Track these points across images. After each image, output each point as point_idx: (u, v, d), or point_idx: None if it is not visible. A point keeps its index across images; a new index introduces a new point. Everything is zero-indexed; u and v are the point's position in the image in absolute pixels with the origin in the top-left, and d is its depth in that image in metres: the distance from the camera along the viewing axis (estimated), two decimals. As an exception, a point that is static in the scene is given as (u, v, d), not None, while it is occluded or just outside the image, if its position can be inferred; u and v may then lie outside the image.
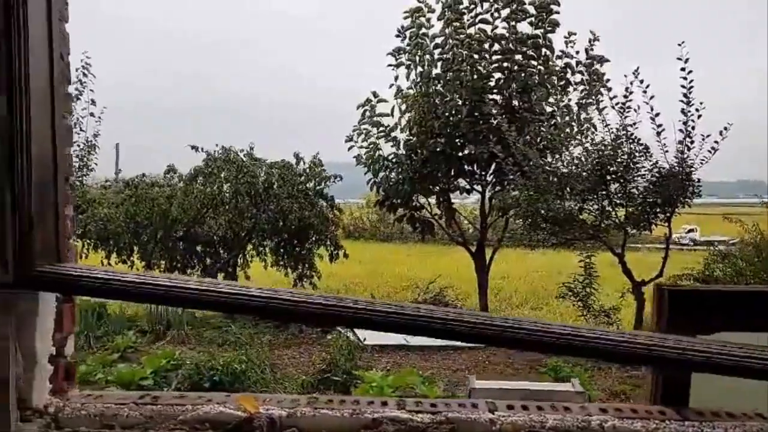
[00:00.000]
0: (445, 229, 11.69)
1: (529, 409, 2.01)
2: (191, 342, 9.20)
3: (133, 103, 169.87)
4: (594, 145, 8.61)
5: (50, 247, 1.88)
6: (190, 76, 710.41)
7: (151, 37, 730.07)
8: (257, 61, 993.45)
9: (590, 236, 8.65)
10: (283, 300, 1.58)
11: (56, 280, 1.81)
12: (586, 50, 10.09)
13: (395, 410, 1.95)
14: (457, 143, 10.33)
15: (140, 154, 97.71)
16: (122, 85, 35.39)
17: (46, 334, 1.96)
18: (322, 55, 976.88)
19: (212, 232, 11.09)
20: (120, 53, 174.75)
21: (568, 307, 11.35)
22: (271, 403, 1.96)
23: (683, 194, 7.97)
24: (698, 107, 7.92)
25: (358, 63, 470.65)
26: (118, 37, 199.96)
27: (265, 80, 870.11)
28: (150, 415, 1.89)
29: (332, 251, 11.29)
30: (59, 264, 1.89)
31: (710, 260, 9.23)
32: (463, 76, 10.07)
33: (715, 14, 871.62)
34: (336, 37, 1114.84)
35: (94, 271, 1.89)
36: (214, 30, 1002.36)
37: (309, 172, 11.12)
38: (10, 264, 1.74)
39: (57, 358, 2.03)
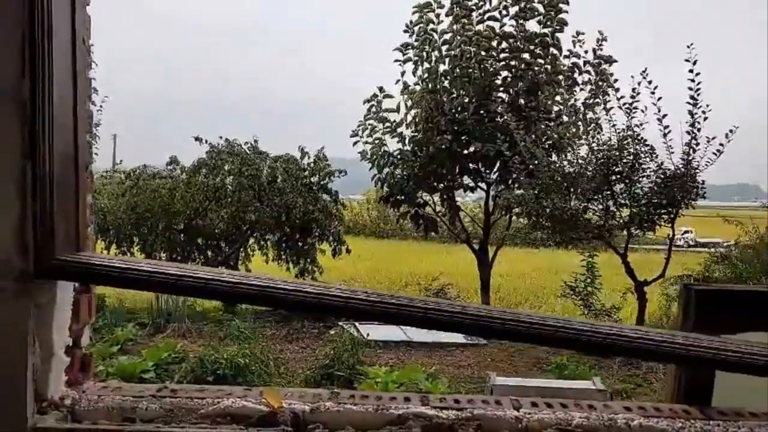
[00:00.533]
0: (448, 226, 11.65)
1: (553, 407, 1.98)
2: (192, 335, 9.16)
3: (131, 93, 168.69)
4: (600, 145, 8.58)
5: (70, 235, 1.84)
6: (193, 67, 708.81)
7: (151, 25, 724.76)
8: (264, 53, 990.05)
9: (595, 236, 8.62)
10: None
11: (77, 270, 1.77)
12: (593, 50, 10.04)
13: (420, 406, 1.91)
14: (463, 140, 10.28)
15: (138, 144, 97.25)
16: (120, 72, 34.31)
17: (63, 325, 1.91)
18: (329, 48, 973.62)
19: (214, 225, 11.04)
20: (117, 37, 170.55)
21: (567, 306, 11.36)
22: (292, 398, 1.92)
23: (688, 196, 7.94)
24: (705, 109, 7.89)
25: (365, 58, 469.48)
26: (117, 21, 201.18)
27: (273, 73, 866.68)
28: (170, 408, 1.85)
29: (335, 246, 11.25)
30: (79, 253, 1.85)
31: (710, 261, 9.22)
32: (470, 73, 10.02)
33: (724, 16, 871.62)
34: (344, 31, 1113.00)
35: (113, 260, 1.86)
36: (220, 20, 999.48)
37: (313, 166, 11.07)
38: (31, 252, 1.70)
39: (73, 349, 1.99)
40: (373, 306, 1.65)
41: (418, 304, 1.68)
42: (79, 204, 1.87)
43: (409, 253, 21.36)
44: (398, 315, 1.64)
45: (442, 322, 1.67)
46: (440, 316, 1.58)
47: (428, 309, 1.60)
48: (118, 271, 1.73)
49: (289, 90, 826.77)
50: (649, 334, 1.55)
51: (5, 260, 1.65)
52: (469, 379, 7.29)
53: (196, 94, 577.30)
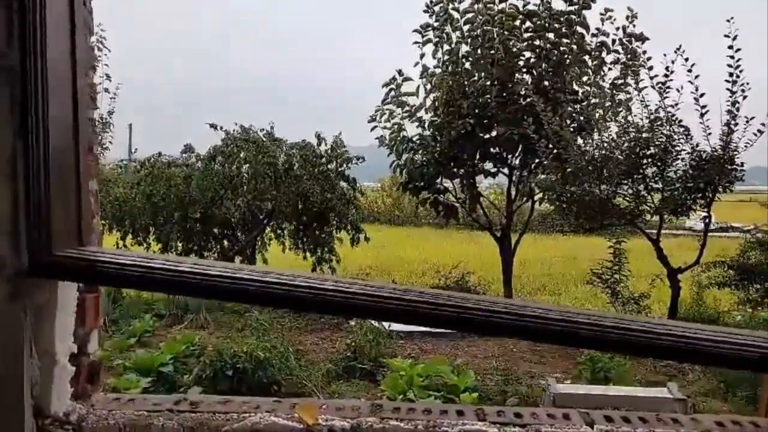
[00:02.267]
0: (469, 213, 11.33)
1: (631, 422, 1.71)
2: (210, 327, 9.02)
3: (146, 80, 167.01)
4: (630, 126, 8.20)
5: (70, 227, 1.59)
6: (207, 55, 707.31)
7: (169, 10, 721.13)
8: (279, 40, 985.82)
9: (627, 221, 8.26)
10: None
11: (78, 267, 1.52)
12: (623, 27, 9.59)
13: (476, 422, 1.65)
14: (485, 124, 9.92)
15: (155, 133, 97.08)
16: (135, 61, 33.94)
17: (66, 330, 1.67)
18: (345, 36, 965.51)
19: (230, 213, 10.83)
20: (135, 27, 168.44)
21: (591, 293, 11.05)
22: (328, 411, 1.67)
23: (726, 179, 7.55)
24: (744, 87, 7.47)
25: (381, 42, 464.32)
26: (135, 10, 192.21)
27: (287, 60, 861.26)
28: (191, 426, 1.61)
29: (354, 235, 11.00)
30: (81, 248, 1.59)
31: (746, 247, 8.83)
32: (493, 54, 9.64)
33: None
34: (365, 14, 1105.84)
35: (122, 256, 1.59)
36: (236, 8, 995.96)
37: (330, 153, 10.80)
38: (24, 247, 1.46)
39: (79, 357, 1.75)
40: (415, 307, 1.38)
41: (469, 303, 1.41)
42: (81, 190, 1.62)
43: (425, 240, 21.09)
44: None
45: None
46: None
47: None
48: (130, 269, 1.48)
49: (301, 76, 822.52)
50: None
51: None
52: (495, 370, 7.03)
53: (212, 83, 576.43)
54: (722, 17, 7.50)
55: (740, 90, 7.38)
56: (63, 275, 1.52)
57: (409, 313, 1.34)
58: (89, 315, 1.80)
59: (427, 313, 1.33)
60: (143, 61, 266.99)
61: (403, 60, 16.85)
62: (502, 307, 1.30)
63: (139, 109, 36.50)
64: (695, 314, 8.65)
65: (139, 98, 44.78)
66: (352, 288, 1.38)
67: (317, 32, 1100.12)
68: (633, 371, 7.16)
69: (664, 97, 7.85)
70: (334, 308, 1.44)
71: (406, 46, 10.54)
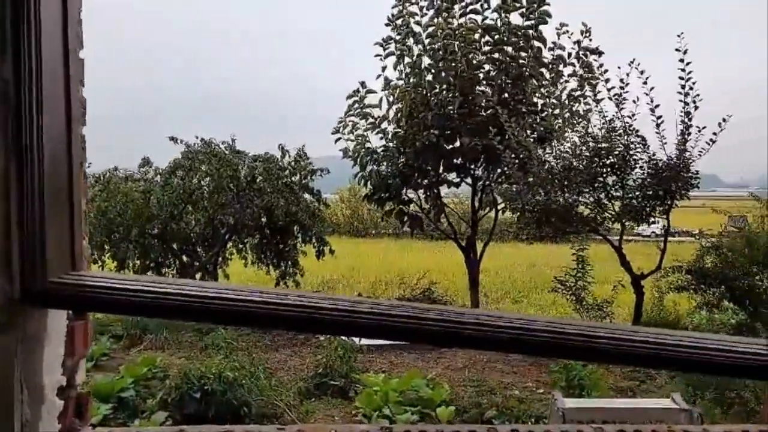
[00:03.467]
0: (434, 223, 11.39)
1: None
2: (170, 347, 8.69)
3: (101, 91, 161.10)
4: (588, 136, 8.43)
5: (64, 251, 1.47)
6: (165, 65, 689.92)
7: (121, 18, 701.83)
8: (238, 52, 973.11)
9: (590, 229, 8.46)
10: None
11: (74, 294, 1.41)
12: (578, 42, 9.90)
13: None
14: (449, 135, 10.02)
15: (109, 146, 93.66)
16: (92, 70, 32.91)
17: (55, 362, 1.55)
18: (307, 47, 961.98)
19: (189, 228, 10.53)
20: (92, 36, 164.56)
21: (557, 300, 11.26)
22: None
23: (683, 186, 7.84)
24: (695, 99, 7.80)
25: (344, 55, 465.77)
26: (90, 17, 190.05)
27: (246, 72, 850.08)
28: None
29: (319, 247, 10.88)
30: (75, 273, 1.48)
31: (702, 252, 9.15)
32: (455, 66, 9.76)
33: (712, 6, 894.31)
34: (325, 29, 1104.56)
35: (118, 281, 1.49)
36: (194, 19, 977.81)
37: (294, 165, 10.66)
38: (16, 274, 1.34)
39: (67, 390, 1.62)
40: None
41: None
42: (74, 211, 1.51)
43: (387, 251, 21.09)
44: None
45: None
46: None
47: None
48: (133, 296, 1.37)
49: (262, 88, 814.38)
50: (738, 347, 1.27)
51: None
52: (467, 382, 7.03)
53: (172, 93, 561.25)
54: (679, 30, 7.83)
55: (692, 102, 7.69)
56: (59, 303, 1.41)
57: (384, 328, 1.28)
58: (78, 344, 1.67)
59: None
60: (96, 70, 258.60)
61: (366, 72, 16.93)
62: (479, 318, 1.26)
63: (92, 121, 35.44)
64: (657, 318, 8.88)
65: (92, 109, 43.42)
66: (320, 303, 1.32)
67: (278, 42, 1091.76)
68: (603, 377, 7.30)
69: (620, 109, 8.12)
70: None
71: (369, 58, 10.58)
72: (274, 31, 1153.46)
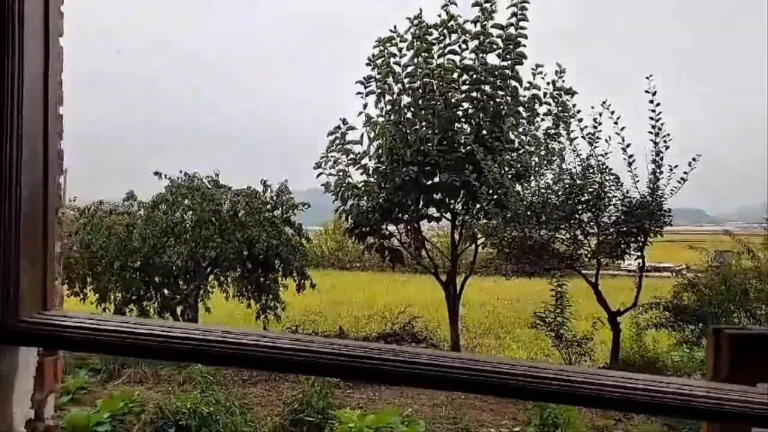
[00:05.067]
0: (414, 257, 11.52)
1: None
2: (149, 381, 8.63)
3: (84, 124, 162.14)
4: (564, 174, 8.69)
5: (36, 291, 1.58)
6: (151, 97, 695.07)
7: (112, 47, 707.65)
8: (225, 82, 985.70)
9: (566, 265, 8.64)
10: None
11: (45, 333, 1.52)
12: (552, 82, 10.27)
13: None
14: (428, 171, 10.25)
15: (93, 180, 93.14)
16: (73, 102, 32.90)
17: (25, 396, 1.64)
18: (290, 82, 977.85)
19: (171, 262, 10.55)
20: (76, 66, 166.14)
21: (538, 335, 11.32)
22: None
23: (656, 224, 8.08)
24: (666, 139, 8.11)
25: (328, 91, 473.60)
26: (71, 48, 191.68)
27: (233, 105, 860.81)
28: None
29: (299, 281, 10.93)
30: (47, 312, 1.59)
31: (679, 288, 9.34)
32: (433, 104, 10.07)
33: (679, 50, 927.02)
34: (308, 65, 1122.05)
35: (87, 320, 1.60)
36: (181, 49, 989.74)
37: (276, 199, 10.80)
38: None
39: (35, 423, 1.71)
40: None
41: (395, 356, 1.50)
42: (48, 254, 1.63)
43: (371, 284, 21.10)
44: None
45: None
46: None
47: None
48: (99, 335, 1.48)
49: (244, 121, 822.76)
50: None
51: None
52: (445, 419, 7.05)
53: (156, 126, 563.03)
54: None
55: (662, 141, 7.99)
56: (30, 341, 1.51)
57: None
58: (48, 379, 1.76)
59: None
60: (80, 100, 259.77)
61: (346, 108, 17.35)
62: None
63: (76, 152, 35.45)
64: (636, 356, 8.98)
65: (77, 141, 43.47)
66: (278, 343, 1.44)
67: (265, 79, 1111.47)
68: (580, 414, 7.36)
69: (594, 147, 8.40)
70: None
71: (350, 96, 10.87)
72: (258, 59, 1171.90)
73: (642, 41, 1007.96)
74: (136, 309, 10.53)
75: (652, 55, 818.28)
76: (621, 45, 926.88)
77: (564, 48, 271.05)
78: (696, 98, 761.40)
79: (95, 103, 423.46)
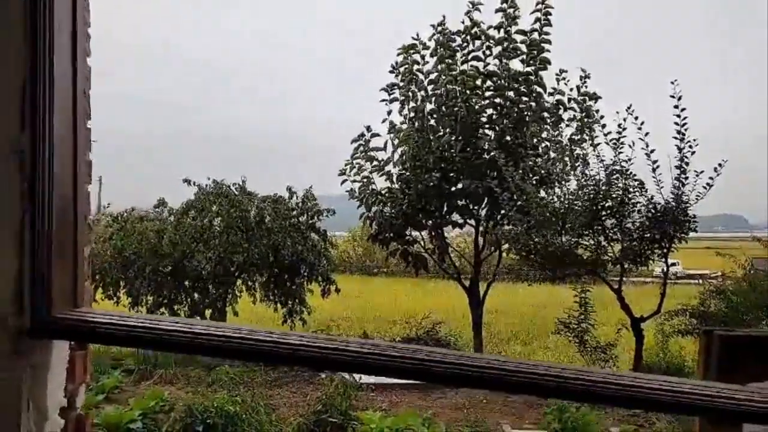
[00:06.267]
0: (438, 263, 11.59)
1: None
2: (179, 381, 8.90)
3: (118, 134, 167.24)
4: (588, 180, 8.66)
5: (67, 291, 1.75)
6: (180, 105, 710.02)
7: (141, 61, 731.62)
8: (251, 92, 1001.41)
9: (588, 271, 8.61)
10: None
11: (76, 327, 1.68)
12: (577, 87, 10.25)
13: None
14: (451, 177, 10.33)
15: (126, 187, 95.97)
16: (107, 113, 33.96)
17: (58, 386, 1.80)
18: (316, 88, 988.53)
19: (201, 267, 10.85)
20: (106, 76, 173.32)
21: (560, 342, 11.26)
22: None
23: (680, 230, 7.99)
24: (692, 144, 8.02)
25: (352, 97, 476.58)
26: (103, 59, 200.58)
27: (259, 112, 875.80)
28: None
29: (324, 286, 11.11)
30: (77, 309, 1.76)
31: (705, 296, 9.21)
32: (457, 111, 10.15)
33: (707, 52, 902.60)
34: (331, 71, 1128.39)
35: (113, 316, 1.76)
36: (206, 58, 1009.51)
37: (302, 205, 11.01)
38: (27, 309, 1.61)
39: (68, 411, 1.87)
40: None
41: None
42: (78, 257, 1.79)
43: (397, 290, 21.22)
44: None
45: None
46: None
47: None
48: (124, 329, 1.64)
49: (275, 128, 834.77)
50: (666, 385, 1.48)
51: (1, 319, 1.56)
52: (465, 422, 7.11)
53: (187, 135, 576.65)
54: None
55: (688, 146, 7.91)
56: (61, 335, 1.67)
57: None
58: (78, 371, 1.93)
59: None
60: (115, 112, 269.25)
61: (371, 116, 17.58)
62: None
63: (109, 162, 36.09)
64: (661, 362, 8.87)
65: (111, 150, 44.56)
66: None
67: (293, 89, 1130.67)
68: (603, 421, 7.32)
69: (618, 153, 8.36)
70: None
71: (375, 103, 11.03)
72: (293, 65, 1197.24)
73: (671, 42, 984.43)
74: (167, 312, 10.86)
75: (682, 56, 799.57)
76: (648, 46, 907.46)
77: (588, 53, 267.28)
78: (732, 98, 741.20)
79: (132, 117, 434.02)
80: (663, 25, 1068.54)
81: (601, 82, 17.24)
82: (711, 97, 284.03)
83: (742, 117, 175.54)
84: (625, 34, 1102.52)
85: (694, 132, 7.90)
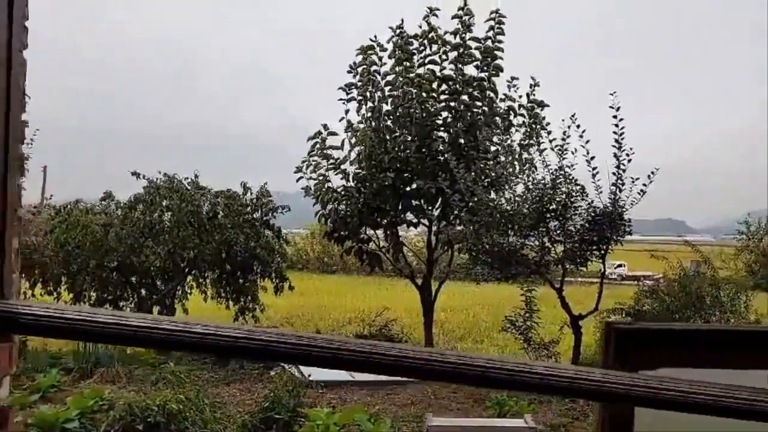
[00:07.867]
0: (392, 262, 11.73)
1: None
2: (122, 380, 8.68)
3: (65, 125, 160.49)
4: (534, 184, 8.97)
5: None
6: (129, 101, 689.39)
7: (90, 57, 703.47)
8: (203, 90, 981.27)
9: (533, 271, 8.92)
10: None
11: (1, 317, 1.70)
12: (527, 95, 10.58)
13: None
14: (405, 177, 10.50)
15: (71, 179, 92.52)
16: (52, 102, 32.25)
17: (-19, 377, 1.82)
18: (270, 87, 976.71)
19: (149, 262, 10.64)
20: (55, 70, 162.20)
21: (508, 339, 11.57)
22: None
23: (616, 233, 8.38)
24: (628, 152, 8.42)
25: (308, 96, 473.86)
26: (53, 52, 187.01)
27: (212, 110, 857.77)
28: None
29: (277, 283, 11.09)
30: (2, 301, 1.77)
31: (640, 295, 9.67)
32: (412, 113, 10.32)
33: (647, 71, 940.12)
34: (287, 71, 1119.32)
35: (43, 307, 1.78)
36: (162, 55, 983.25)
37: (256, 202, 10.95)
38: (-51, 301, 1.62)
39: (-11, 403, 1.88)
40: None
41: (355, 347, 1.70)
42: (5, 249, 1.81)
43: (354, 288, 21.29)
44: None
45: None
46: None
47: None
48: (44, 319, 1.67)
49: (227, 125, 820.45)
50: (562, 372, 1.62)
51: None
52: (412, 417, 7.25)
53: (133, 128, 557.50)
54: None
55: (624, 154, 8.30)
56: (-16, 326, 1.69)
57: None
58: (2, 362, 1.94)
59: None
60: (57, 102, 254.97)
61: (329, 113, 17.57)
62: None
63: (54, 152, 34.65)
64: (597, 357, 9.26)
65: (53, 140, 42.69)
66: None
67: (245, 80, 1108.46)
68: (540, 414, 7.59)
69: (562, 159, 8.69)
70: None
71: (333, 101, 11.10)
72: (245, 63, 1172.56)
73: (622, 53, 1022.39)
74: (111, 309, 10.61)
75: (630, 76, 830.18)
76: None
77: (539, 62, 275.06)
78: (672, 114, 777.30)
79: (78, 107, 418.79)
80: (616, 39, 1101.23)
81: (548, 91, 17.75)
82: (657, 113, 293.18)
83: (684, 130, 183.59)
84: (577, 46, 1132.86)
85: (641, 144, 8.32)
